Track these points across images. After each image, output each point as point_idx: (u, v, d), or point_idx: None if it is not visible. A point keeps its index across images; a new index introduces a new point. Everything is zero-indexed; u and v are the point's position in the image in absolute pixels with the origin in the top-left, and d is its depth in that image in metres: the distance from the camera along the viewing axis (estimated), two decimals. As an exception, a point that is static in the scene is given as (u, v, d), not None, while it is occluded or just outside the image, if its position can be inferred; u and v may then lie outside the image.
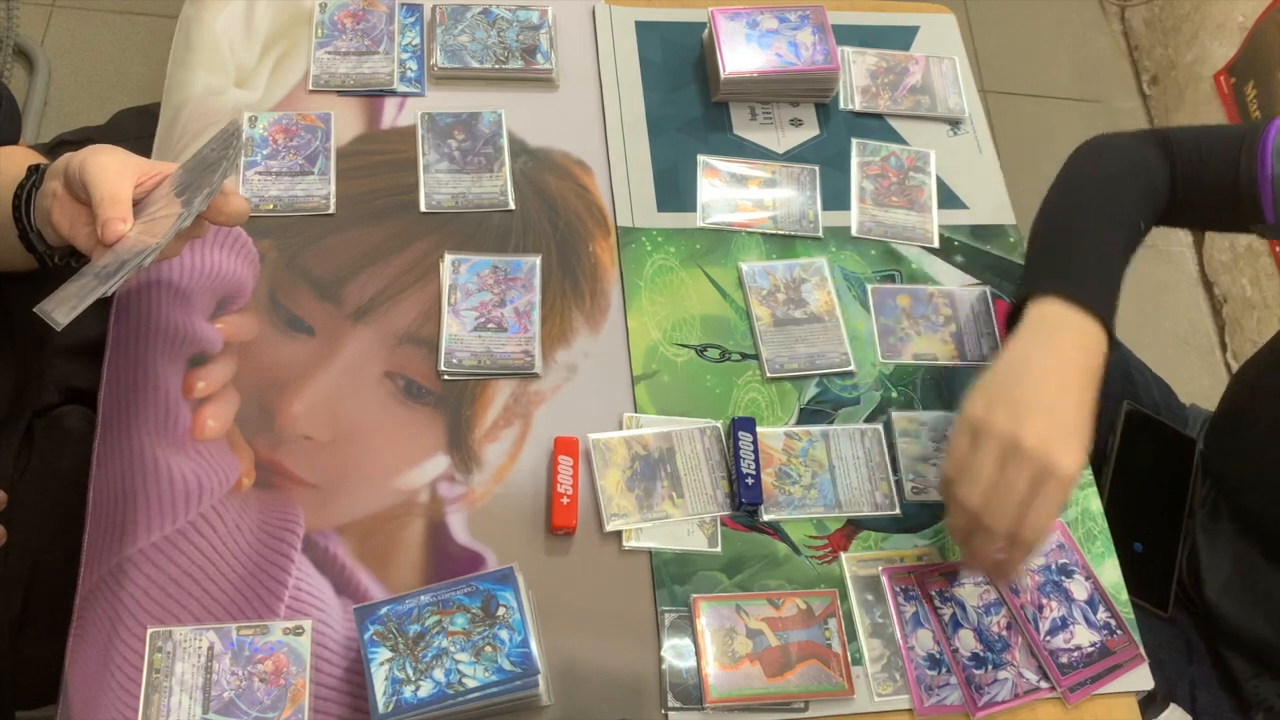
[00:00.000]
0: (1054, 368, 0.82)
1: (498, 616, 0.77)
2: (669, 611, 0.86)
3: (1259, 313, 1.95)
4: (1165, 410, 1.17)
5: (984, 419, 0.80)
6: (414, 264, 0.97)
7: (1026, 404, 0.80)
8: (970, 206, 1.10)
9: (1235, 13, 2.04)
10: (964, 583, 0.90)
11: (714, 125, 1.10)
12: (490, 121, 1.05)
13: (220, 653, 0.79)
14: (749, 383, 0.97)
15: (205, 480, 0.85)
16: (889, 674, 0.85)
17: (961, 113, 1.14)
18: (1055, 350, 0.83)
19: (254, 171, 0.99)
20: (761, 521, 0.91)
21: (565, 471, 0.88)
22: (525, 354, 0.94)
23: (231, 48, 1.06)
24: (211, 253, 0.95)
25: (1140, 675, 0.88)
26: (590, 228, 1.02)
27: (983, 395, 0.82)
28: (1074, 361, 0.83)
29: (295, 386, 0.90)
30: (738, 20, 1.10)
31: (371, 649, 0.75)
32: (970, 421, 0.81)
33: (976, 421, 0.81)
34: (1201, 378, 2.01)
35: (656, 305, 0.99)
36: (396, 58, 1.07)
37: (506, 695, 0.76)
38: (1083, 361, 0.83)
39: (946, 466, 0.82)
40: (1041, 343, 0.84)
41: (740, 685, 0.83)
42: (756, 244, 1.04)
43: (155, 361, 0.89)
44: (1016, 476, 0.78)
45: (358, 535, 0.86)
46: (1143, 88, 2.33)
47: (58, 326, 0.68)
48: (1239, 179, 0.92)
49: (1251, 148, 0.92)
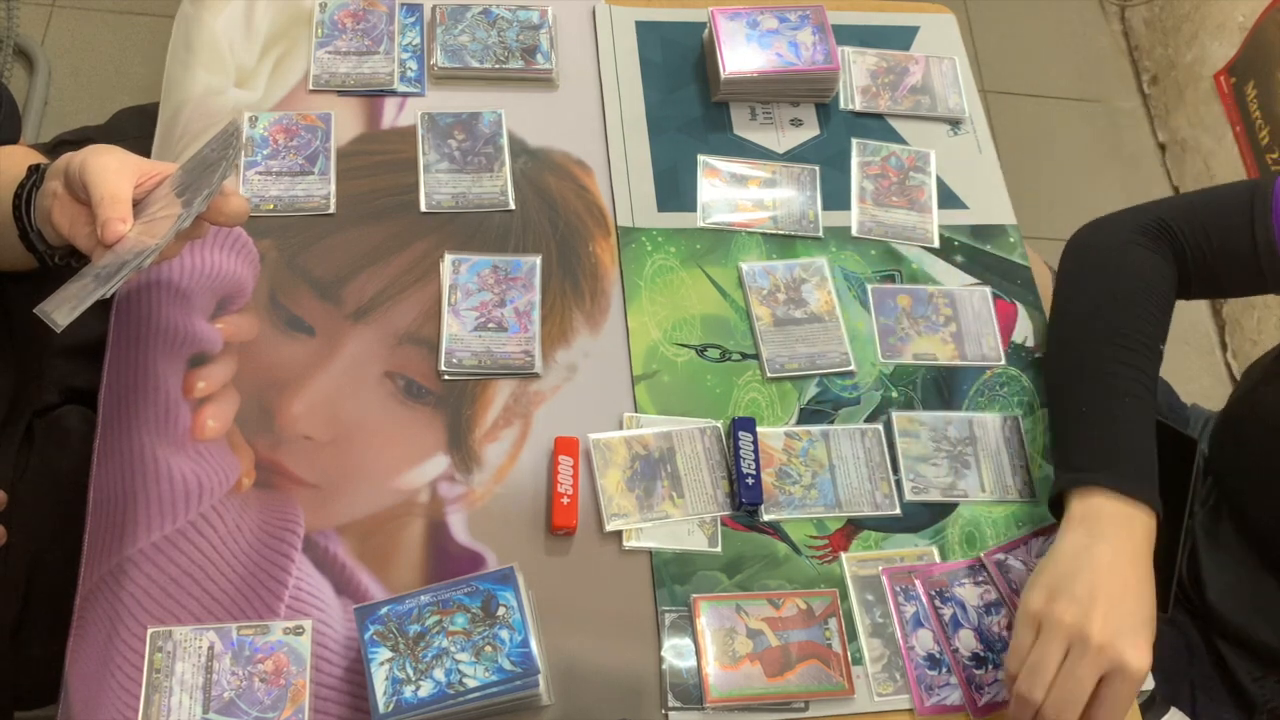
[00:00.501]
0: (1112, 560, 0.81)
1: (498, 616, 0.77)
2: (669, 611, 0.85)
3: (1259, 313, 1.95)
4: (1166, 410, 1.17)
5: (1047, 611, 0.79)
6: (414, 264, 0.97)
7: (1091, 597, 0.78)
8: (970, 206, 1.10)
9: (1235, 13, 2.04)
10: (964, 583, 0.90)
11: (714, 125, 1.10)
12: (490, 121, 1.05)
13: (220, 652, 0.79)
14: (749, 383, 0.97)
15: (205, 480, 0.85)
16: (889, 674, 0.85)
17: (961, 113, 1.14)
18: (1111, 542, 0.82)
19: (254, 171, 0.99)
20: (762, 521, 0.91)
21: (565, 471, 0.88)
22: (525, 354, 0.94)
23: (231, 48, 1.06)
24: (211, 253, 0.95)
25: (1140, 675, 0.87)
26: (590, 228, 1.02)
27: (1043, 588, 0.81)
28: (1130, 553, 0.81)
29: (295, 386, 0.90)
30: (738, 20, 1.10)
31: (372, 649, 0.75)
32: (1033, 614, 0.80)
33: (1040, 614, 0.80)
34: (1201, 378, 2.01)
35: (657, 305, 0.99)
36: (397, 58, 1.07)
37: (507, 695, 0.76)
38: (1139, 552, 0.82)
39: (1010, 662, 0.81)
40: (1095, 538, 0.82)
41: (740, 685, 0.83)
42: (756, 244, 1.04)
43: (155, 361, 0.89)
44: (1084, 671, 0.77)
45: (358, 535, 0.86)
46: (1143, 88, 2.33)
47: (58, 328, 0.68)
48: (1258, 250, 0.90)
49: (1265, 215, 0.90)
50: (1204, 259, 0.93)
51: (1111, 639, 0.77)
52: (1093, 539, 0.82)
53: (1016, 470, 0.96)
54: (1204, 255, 0.93)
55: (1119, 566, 0.80)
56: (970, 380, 1.00)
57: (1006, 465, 0.96)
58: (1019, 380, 1.00)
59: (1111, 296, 0.93)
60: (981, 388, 1.00)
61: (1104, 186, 2.13)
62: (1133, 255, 0.94)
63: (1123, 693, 0.77)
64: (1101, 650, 0.76)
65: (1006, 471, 0.96)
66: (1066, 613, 0.78)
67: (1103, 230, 0.98)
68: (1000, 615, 0.89)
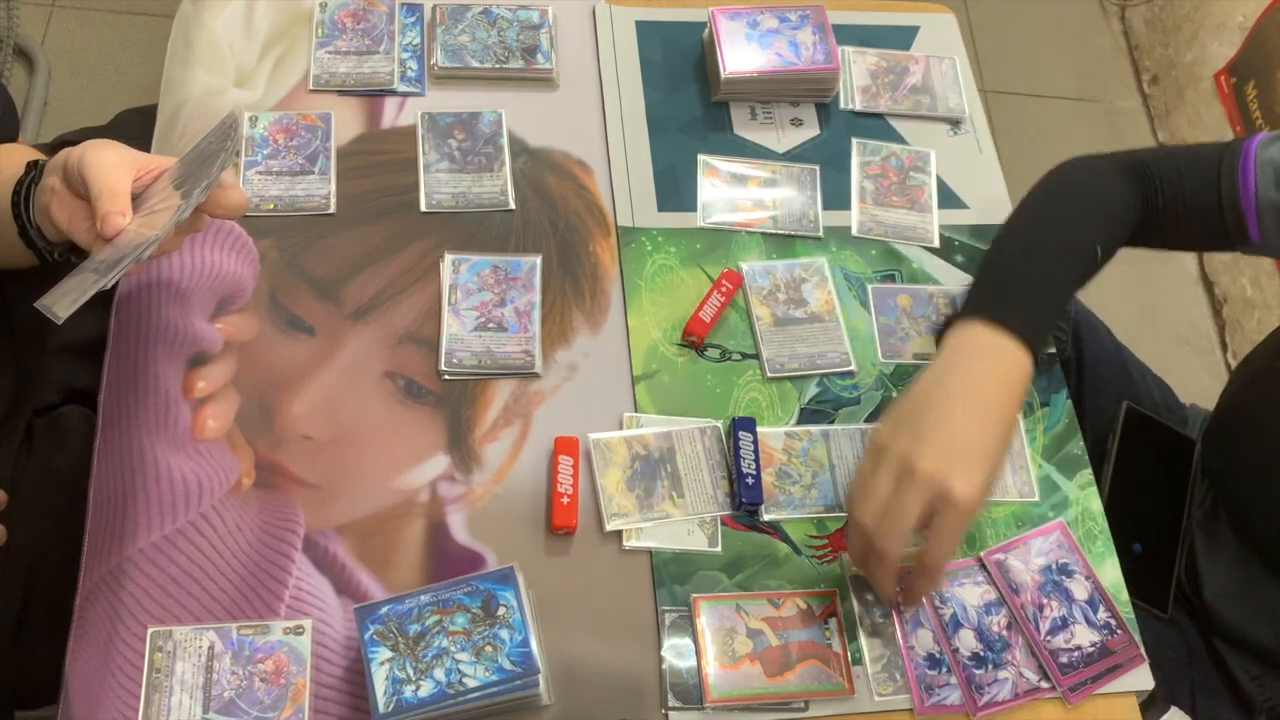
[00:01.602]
0: (964, 391, 0.81)
1: (498, 616, 0.77)
2: (669, 611, 0.85)
3: (1259, 313, 1.95)
4: (1165, 410, 1.17)
5: (887, 441, 0.80)
6: (414, 264, 0.97)
7: (928, 427, 0.79)
8: (970, 206, 1.10)
9: (1235, 13, 2.04)
10: (964, 583, 0.90)
11: (714, 125, 1.10)
12: (490, 121, 1.05)
13: (220, 652, 0.79)
14: (749, 383, 0.97)
15: (205, 480, 0.85)
16: (889, 674, 0.85)
17: (962, 113, 1.14)
18: (968, 374, 0.82)
19: (254, 171, 0.99)
20: (762, 521, 0.91)
21: (565, 471, 0.88)
22: (525, 354, 0.94)
23: (231, 48, 1.06)
24: (212, 252, 0.95)
25: (1141, 675, 0.87)
26: (590, 227, 1.02)
27: (890, 418, 0.82)
28: (986, 385, 0.81)
29: (295, 386, 0.90)
30: (738, 20, 1.10)
31: (372, 649, 0.75)
32: (875, 443, 0.81)
33: (880, 443, 0.80)
34: (1201, 378, 2.01)
35: (657, 305, 0.99)
36: (397, 57, 1.07)
37: (507, 695, 0.76)
38: (996, 384, 0.82)
39: (850, 488, 0.81)
40: (955, 367, 0.82)
41: (740, 685, 0.83)
42: (757, 244, 1.04)
43: (155, 361, 0.89)
44: (909, 499, 0.77)
45: (358, 535, 0.86)
46: (1143, 87, 2.33)
47: (58, 320, 0.68)
48: (1221, 200, 0.91)
49: (1232, 167, 0.91)
50: (1173, 206, 0.94)
51: (939, 467, 0.77)
52: (951, 368, 0.82)
53: (1016, 470, 0.96)
54: (1174, 203, 0.94)
55: (969, 397, 0.80)
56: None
57: (1006, 465, 0.96)
58: (1019, 380, 1.00)
59: (1064, 198, 0.94)
60: (981, 387, 1.00)
61: (1104, 186, 2.13)
62: (1103, 179, 0.95)
63: (948, 523, 0.77)
64: (928, 477, 0.76)
65: (1006, 471, 0.96)
66: (901, 442, 0.79)
67: (1080, 160, 0.99)
68: (1000, 615, 0.89)
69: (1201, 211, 0.93)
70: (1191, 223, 0.94)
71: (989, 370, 0.82)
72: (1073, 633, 0.88)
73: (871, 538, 0.79)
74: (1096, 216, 0.93)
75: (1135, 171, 0.95)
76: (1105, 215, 0.93)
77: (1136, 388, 1.17)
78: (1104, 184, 0.95)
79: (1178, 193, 0.93)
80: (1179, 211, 0.94)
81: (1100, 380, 1.16)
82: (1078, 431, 0.99)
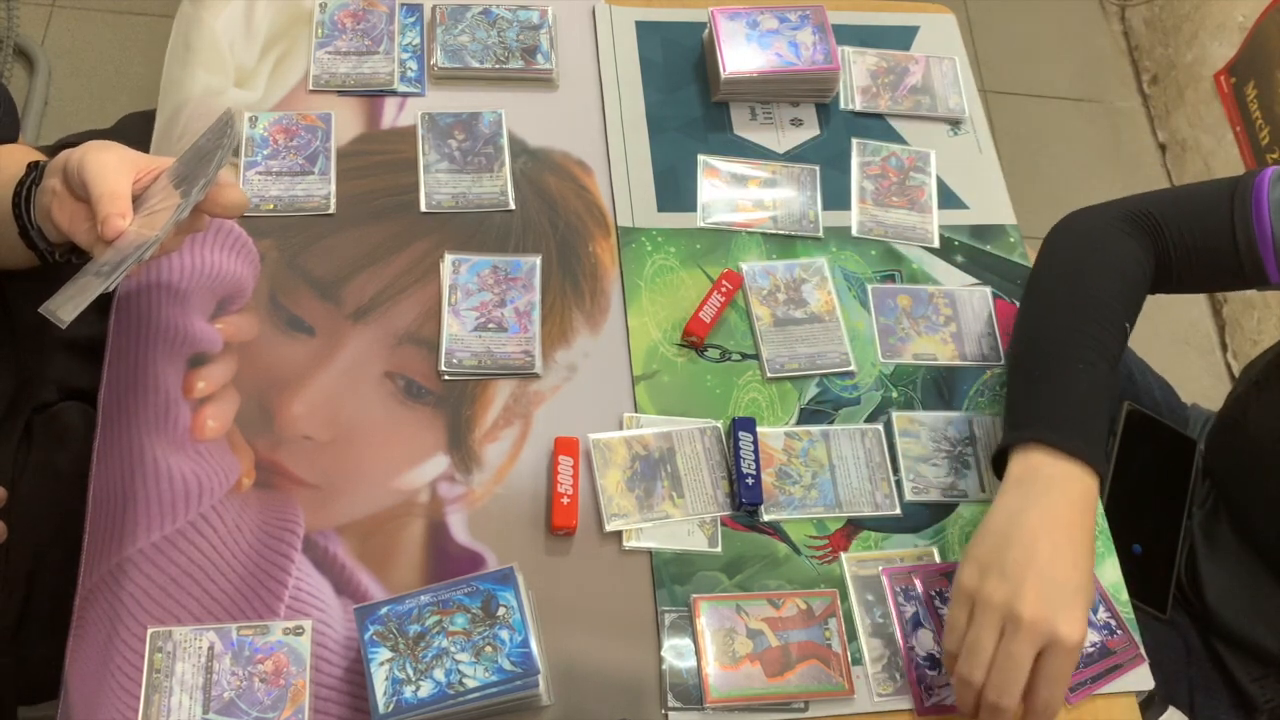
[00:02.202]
0: (1044, 526, 0.79)
1: (498, 616, 0.77)
2: (669, 611, 0.85)
3: (1259, 313, 1.95)
4: (1167, 410, 1.17)
5: (978, 589, 0.78)
6: (414, 264, 0.97)
7: (1020, 570, 0.77)
8: (970, 206, 1.10)
9: (1235, 13, 2.04)
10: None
11: (714, 125, 1.10)
12: (490, 121, 1.05)
13: (220, 653, 0.79)
14: (749, 383, 0.97)
15: (205, 480, 0.85)
16: (889, 674, 0.85)
17: (962, 113, 1.14)
18: (1044, 507, 0.80)
19: (254, 171, 0.99)
20: (762, 521, 0.90)
21: (565, 471, 0.88)
22: (525, 354, 0.94)
23: (231, 48, 1.06)
24: (211, 253, 0.95)
25: (1140, 675, 0.87)
26: (590, 228, 1.02)
27: (974, 563, 0.79)
28: (1064, 517, 0.80)
29: (295, 386, 0.90)
30: (738, 20, 1.10)
31: (371, 649, 0.75)
32: (965, 592, 0.79)
33: (971, 592, 0.78)
34: (1201, 378, 2.01)
35: (656, 305, 0.99)
36: (396, 58, 1.07)
37: (506, 695, 0.76)
38: (1074, 515, 0.80)
39: (948, 641, 0.80)
40: (1029, 500, 0.80)
41: (740, 685, 0.83)
42: (756, 244, 1.04)
43: (155, 361, 0.89)
44: (1019, 650, 0.75)
45: (358, 535, 0.86)
46: (1143, 88, 2.33)
47: (62, 325, 0.68)
48: (1237, 246, 0.90)
49: (1245, 211, 0.89)
50: (1185, 253, 0.93)
51: (1044, 614, 0.75)
52: (1026, 503, 0.80)
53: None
54: (1185, 249, 0.93)
55: (1052, 533, 0.79)
56: (970, 380, 1.00)
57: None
58: (1019, 380, 1.00)
59: (1081, 272, 0.92)
60: (981, 388, 1.00)
61: (1104, 187, 2.13)
62: (1111, 238, 0.93)
63: (1059, 666, 0.76)
64: (1035, 626, 0.75)
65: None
66: (997, 591, 0.77)
67: (1085, 216, 0.97)
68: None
69: (1216, 256, 0.91)
70: (1206, 269, 0.93)
71: (1063, 501, 0.80)
72: (1073, 633, 0.88)
73: (984, 692, 0.77)
74: (1121, 291, 0.91)
75: (1142, 225, 0.94)
76: (1127, 284, 0.91)
77: (1138, 388, 1.17)
78: (1118, 249, 0.93)
79: (1190, 242, 0.92)
80: (1192, 261, 0.93)
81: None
82: (1078, 432, 0.98)
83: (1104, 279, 0.91)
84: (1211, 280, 0.97)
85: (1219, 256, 0.91)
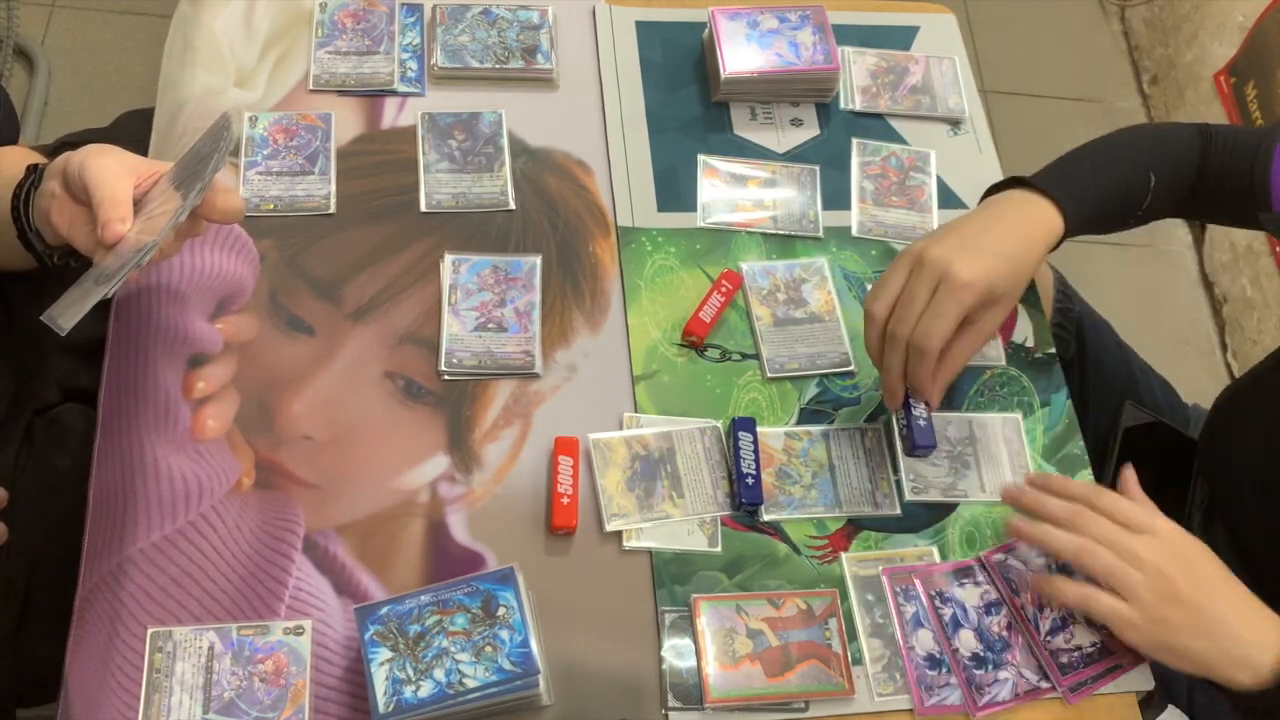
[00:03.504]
0: (986, 217, 0.89)
1: (498, 616, 0.77)
2: (669, 611, 0.85)
3: (1259, 313, 1.95)
4: (1168, 410, 1.17)
5: (907, 249, 0.88)
6: (414, 264, 0.97)
7: (946, 232, 0.87)
8: (970, 206, 1.09)
9: (1235, 13, 2.04)
10: (964, 583, 0.90)
11: (714, 125, 1.10)
12: (490, 121, 1.05)
13: (220, 653, 0.79)
14: (749, 383, 0.97)
15: (205, 480, 0.85)
16: (889, 674, 0.85)
17: (962, 113, 1.14)
18: (994, 210, 0.90)
19: (254, 171, 0.99)
20: (762, 521, 0.90)
21: (565, 471, 0.88)
22: (525, 354, 0.94)
23: (231, 48, 1.06)
24: (211, 253, 0.95)
25: (1140, 675, 0.87)
26: (590, 228, 1.02)
27: (920, 241, 0.88)
28: (1009, 217, 0.88)
29: (295, 386, 0.90)
30: (738, 20, 1.10)
31: (372, 649, 0.75)
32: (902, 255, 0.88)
33: (902, 252, 0.88)
34: (1202, 378, 2.01)
35: (656, 305, 0.99)
36: (397, 58, 1.07)
37: (506, 695, 0.76)
38: (1022, 222, 0.88)
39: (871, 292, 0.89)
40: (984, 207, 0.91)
41: (740, 685, 0.83)
42: (756, 244, 1.04)
43: (155, 362, 0.89)
44: (918, 285, 0.84)
45: (358, 535, 0.86)
46: (1143, 88, 2.33)
47: (62, 333, 0.68)
48: (1254, 166, 0.95)
49: (1271, 140, 0.95)
50: (1216, 166, 0.98)
51: (943, 255, 0.84)
52: (980, 209, 0.91)
53: (1017, 470, 0.96)
54: (1218, 163, 0.98)
55: (990, 221, 0.88)
56: (970, 380, 1.00)
57: (1006, 465, 0.96)
58: (1019, 380, 1.00)
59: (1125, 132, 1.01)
60: (981, 388, 1.00)
61: (1104, 186, 2.13)
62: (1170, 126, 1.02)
63: (944, 300, 0.83)
64: (934, 265, 0.84)
65: (1006, 471, 0.96)
66: (919, 244, 0.86)
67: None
68: (1000, 616, 0.89)
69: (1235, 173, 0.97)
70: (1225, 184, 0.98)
71: (1017, 211, 0.89)
72: (1072, 633, 0.88)
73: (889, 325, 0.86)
74: (1156, 146, 0.98)
75: (1200, 129, 1.00)
76: (1166, 149, 0.98)
77: (1139, 387, 1.17)
78: (1173, 129, 1.01)
79: (1224, 155, 0.98)
80: (1221, 170, 0.98)
81: (1103, 378, 1.16)
82: (1078, 432, 0.99)
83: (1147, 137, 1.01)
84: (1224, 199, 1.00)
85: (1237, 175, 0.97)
